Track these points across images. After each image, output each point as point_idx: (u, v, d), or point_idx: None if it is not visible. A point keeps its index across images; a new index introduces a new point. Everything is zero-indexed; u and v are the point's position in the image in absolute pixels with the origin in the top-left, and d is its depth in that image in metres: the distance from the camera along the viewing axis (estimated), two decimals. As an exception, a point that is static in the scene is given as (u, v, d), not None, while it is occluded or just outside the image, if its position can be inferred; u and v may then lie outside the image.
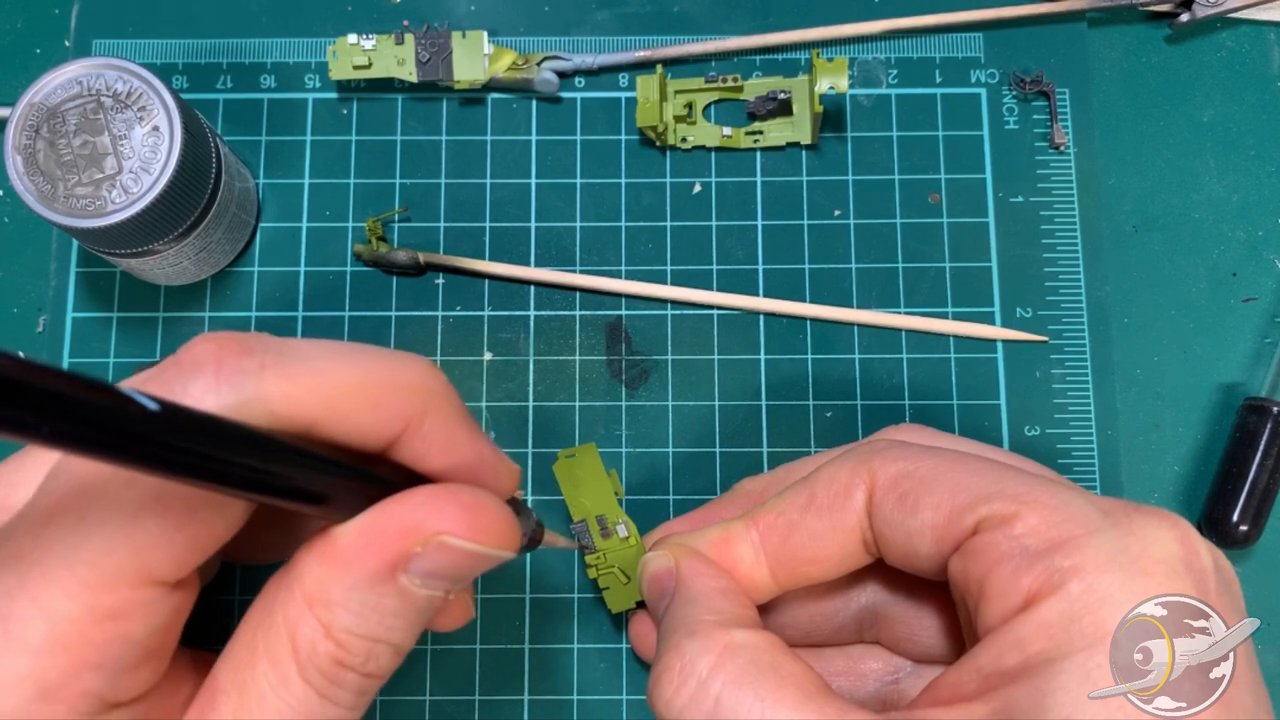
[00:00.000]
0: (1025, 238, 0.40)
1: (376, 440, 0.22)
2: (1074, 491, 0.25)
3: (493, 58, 0.40)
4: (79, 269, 0.40)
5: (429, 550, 0.22)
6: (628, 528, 0.33)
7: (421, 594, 0.22)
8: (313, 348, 0.22)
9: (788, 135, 0.41)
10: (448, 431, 0.23)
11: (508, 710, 0.37)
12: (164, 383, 0.20)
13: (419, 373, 0.23)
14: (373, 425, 0.22)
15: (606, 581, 0.33)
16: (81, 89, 0.34)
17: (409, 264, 0.39)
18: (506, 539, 0.23)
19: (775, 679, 0.24)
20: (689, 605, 0.27)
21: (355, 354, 0.22)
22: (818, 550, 0.28)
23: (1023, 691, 0.22)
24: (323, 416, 0.21)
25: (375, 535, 0.22)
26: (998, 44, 0.42)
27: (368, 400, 0.22)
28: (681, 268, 0.40)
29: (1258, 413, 0.37)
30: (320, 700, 0.22)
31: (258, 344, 0.21)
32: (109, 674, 0.20)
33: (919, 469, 0.26)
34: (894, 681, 0.31)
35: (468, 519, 0.22)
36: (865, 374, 0.39)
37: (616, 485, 0.34)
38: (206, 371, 0.20)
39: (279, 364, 0.21)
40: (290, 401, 0.21)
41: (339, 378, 0.21)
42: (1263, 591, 0.38)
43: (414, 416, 0.22)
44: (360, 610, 0.22)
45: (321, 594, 0.21)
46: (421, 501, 0.22)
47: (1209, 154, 0.41)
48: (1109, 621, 0.22)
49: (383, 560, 0.22)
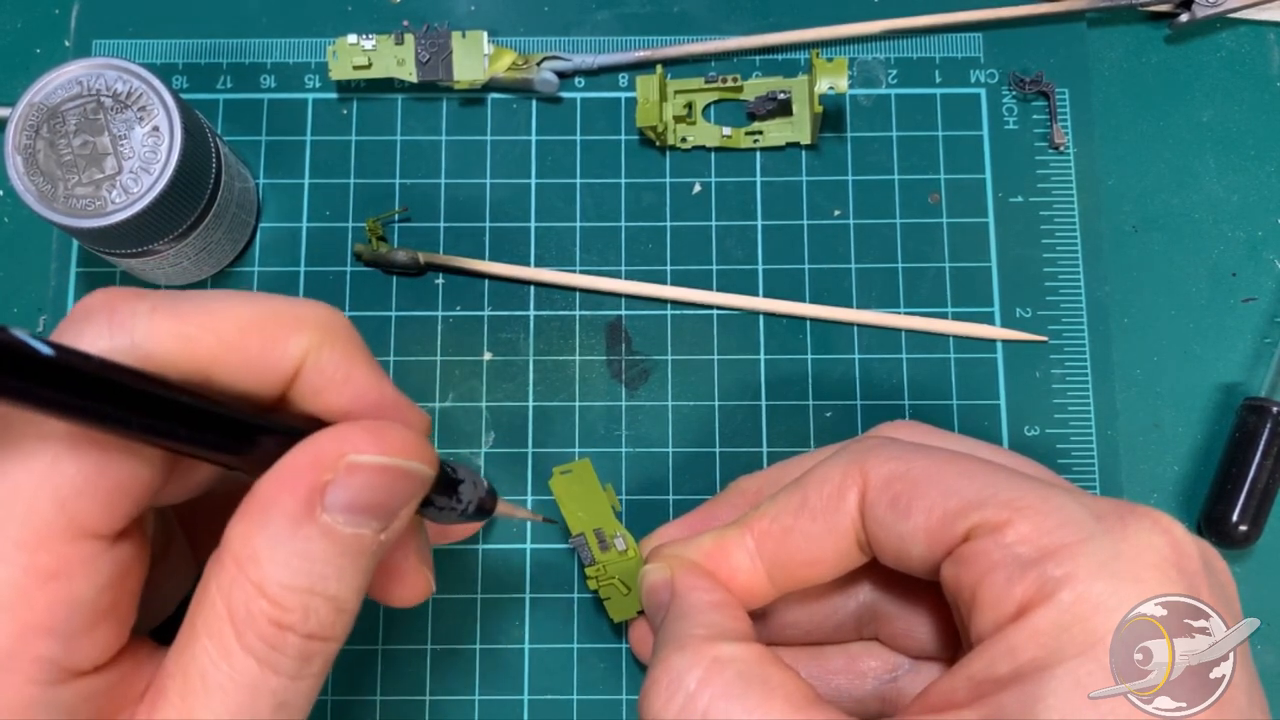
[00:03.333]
0: (1025, 238, 0.40)
1: (274, 375, 0.22)
2: (1066, 494, 0.25)
3: (493, 58, 0.40)
4: (79, 269, 0.40)
5: (340, 476, 0.21)
6: (625, 540, 0.33)
7: (348, 533, 0.22)
8: (208, 293, 0.22)
9: (787, 135, 0.41)
10: (346, 366, 0.23)
11: (508, 710, 0.37)
12: (60, 332, 0.21)
13: (314, 308, 0.23)
14: (268, 358, 0.22)
15: (607, 592, 0.34)
16: (81, 89, 0.34)
17: (409, 264, 0.39)
18: (418, 452, 0.23)
19: (763, 691, 0.24)
20: (680, 620, 0.27)
21: (250, 295, 0.22)
22: (813, 553, 0.28)
23: (1013, 698, 0.22)
24: (219, 353, 0.21)
25: (286, 474, 0.21)
26: (997, 44, 0.42)
27: (261, 334, 0.22)
28: (681, 268, 0.40)
29: (1257, 413, 0.37)
30: (261, 669, 0.21)
31: (151, 292, 0.21)
32: (61, 638, 0.20)
33: (911, 470, 0.26)
34: (892, 680, 0.31)
35: (372, 437, 0.22)
36: (865, 374, 0.39)
37: (613, 499, 0.34)
38: (99, 317, 0.20)
39: (172, 306, 0.21)
40: (183, 339, 0.21)
41: (232, 314, 0.21)
42: (1262, 591, 0.38)
43: (310, 348, 0.22)
44: (288, 560, 0.21)
45: (248, 551, 0.21)
46: (327, 433, 0.22)
47: (1209, 154, 0.41)
48: (1101, 628, 0.22)
49: (296, 497, 0.21)
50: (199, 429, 0.21)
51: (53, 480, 0.20)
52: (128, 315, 0.20)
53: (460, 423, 0.39)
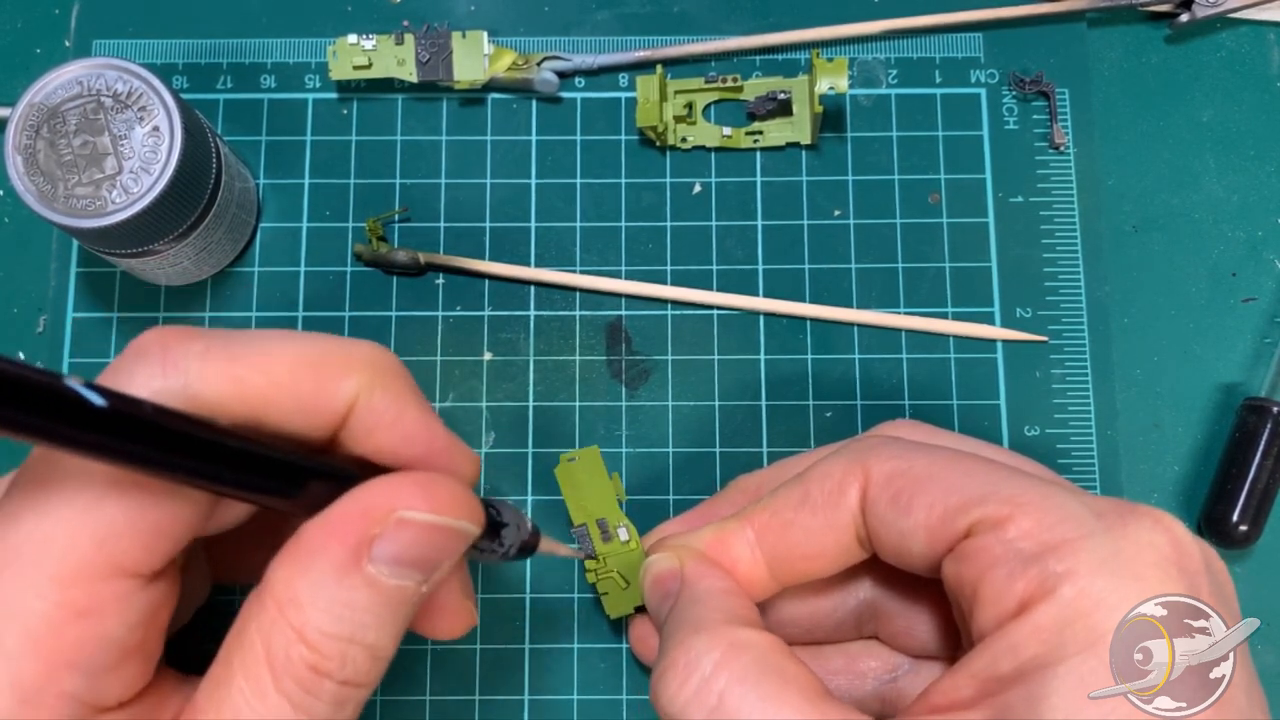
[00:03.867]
0: (1025, 238, 0.40)
1: (327, 416, 0.22)
2: (1067, 493, 0.25)
3: (493, 58, 0.40)
4: (79, 269, 0.40)
5: (389, 530, 0.22)
6: (629, 531, 0.33)
7: (391, 584, 0.22)
8: (259, 333, 0.22)
9: (788, 135, 0.41)
10: (397, 407, 0.23)
11: (508, 710, 0.37)
12: (113, 372, 0.21)
13: (366, 348, 0.23)
14: (320, 399, 0.22)
15: (605, 587, 0.33)
16: (82, 89, 0.34)
17: (409, 264, 0.39)
18: (466, 510, 0.23)
19: (780, 679, 0.24)
20: (694, 604, 0.27)
21: (301, 335, 0.22)
22: (813, 547, 0.28)
23: (1018, 697, 0.22)
24: (271, 394, 0.21)
25: (334, 523, 0.22)
26: (997, 44, 0.42)
27: (313, 375, 0.22)
28: (681, 268, 0.40)
29: (1257, 413, 0.37)
30: (295, 713, 0.21)
31: (204, 331, 0.21)
32: (88, 674, 0.20)
33: (913, 468, 0.27)
34: (892, 680, 0.31)
35: (423, 492, 0.22)
36: (865, 374, 0.39)
37: (618, 488, 0.34)
38: (152, 358, 0.20)
39: (224, 347, 0.21)
40: (236, 381, 0.21)
41: (283, 355, 0.21)
42: (1262, 591, 0.38)
43: (361, 389, 0.22)
44: (330, 607, 0.21)
45: (290, 595, 0.21)
46: (378, 484, 0.22)
47: (1209, 154, 0.41)
48: (1102, 625, 0.22)
49: (344, 547, 0.21)
50: (248, 474, 0.21)
51: (94, 519, 0.20)
52: (181, 356, 0.20)
53: (460, 423, 0.39)
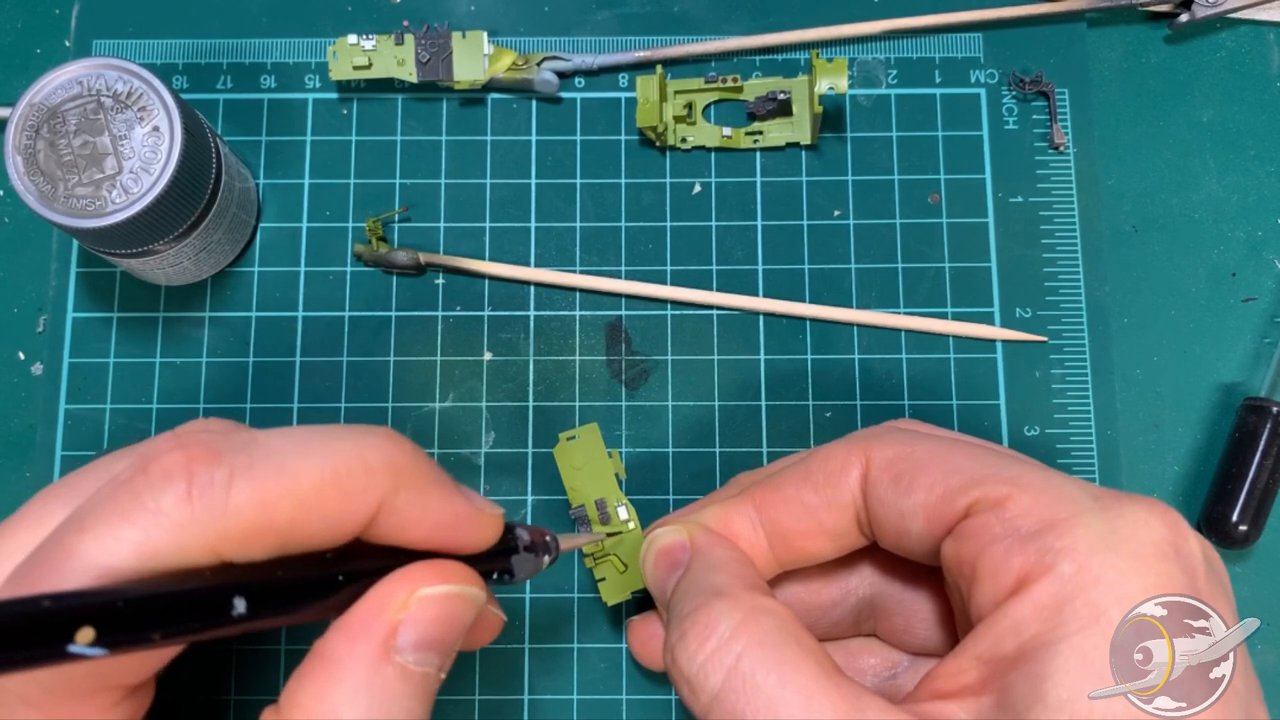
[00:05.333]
0: (1025, 238, 0.40)
1: (350, 528, 0.23)
2: (1065, 477, 0.25)
3: (493, 58, 0.40)
4: (79, 269, 0.40)
5: (413, 611, 0.22)
6: (628, 510, 0.33)
7: (419, 672, 0.23)
8: (279, 443, 0.22)
9: (787, 135, 0.41)
10: (421, 503, 0.23)
11: (508, 710, 0.37)
12: (134, 494, 0.20)
13: (384, 450, 0.23)
14: (345, 515, 0.22)
15: (603, 572, 0.33)
16: (82, 89, 0.34)
17: (409, 264, 0.39)
18: (473, 579, 0.24)
19: (798, 649, 0.24)
20: (711, 571, 0.27)
21: (320, 444, 0.22)
22: (812, 524, 0.28)
23: (1021, 678, 0.22)
24: (299, 518, 0.21)
25: (356, 627, 0.22)
26: (997, 44, 0.42)
27: (338, 491, 0.22)
28: (681, 268, 0.40)
29: (1257, 413, 0.37)
30: None
31: (225, 448, 0.21)
32: None
33: (915, 451, 0.27)
34: (891, 677, 0.32)
35: (435, 570, 0.23)
36: (865, 374, 0.39)
37: (618, 466, 0.34)
38: (178, 484, 0.20)
39: (248, 470, 0.21)
40: (263, 509, 0.21)
41: (307, 475, 0.21)
42: (1262, 591, 0.38)
43: (386, 495, 0.23)
44: (369, 707, 0.22)
45: (324, 707, 0.22)
46: (390, 579, 0.23)
47: (1209, 154, 0.41)
48: (1102, 602, 0.22)
49: (373, 643, 0.22)
50: (273, 612, 0.21)
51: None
52: (207, 484, 0.20)
53: (460, 423, 0.39)
